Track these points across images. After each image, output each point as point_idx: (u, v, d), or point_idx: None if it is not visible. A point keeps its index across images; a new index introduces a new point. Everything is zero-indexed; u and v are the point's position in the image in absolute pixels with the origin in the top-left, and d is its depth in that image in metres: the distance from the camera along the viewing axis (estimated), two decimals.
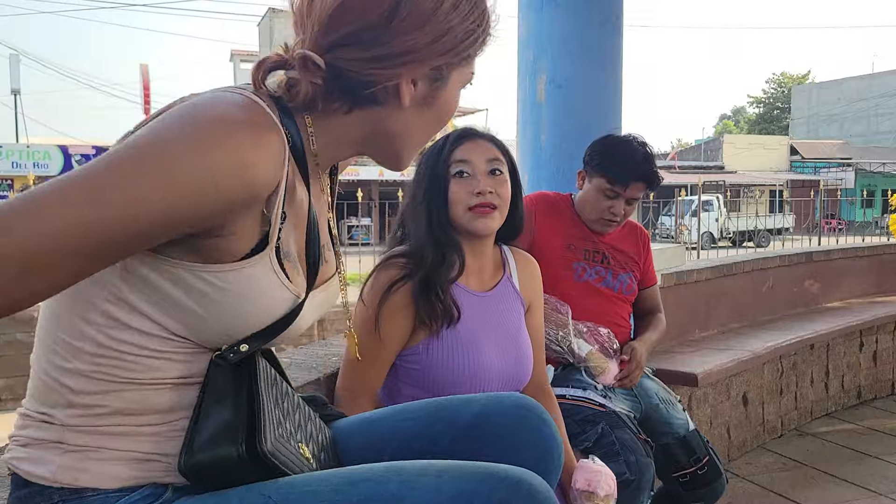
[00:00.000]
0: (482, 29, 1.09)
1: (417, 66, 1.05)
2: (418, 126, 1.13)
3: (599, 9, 3.17)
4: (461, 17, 1.05)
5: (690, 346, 4.29)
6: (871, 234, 18.76)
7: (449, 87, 1.11)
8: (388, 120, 1.11)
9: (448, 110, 1.14)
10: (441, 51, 1.05)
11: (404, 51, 1.03)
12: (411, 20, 1.02)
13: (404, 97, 1.07)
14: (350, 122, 1.11)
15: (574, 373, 2.60)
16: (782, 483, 4.02)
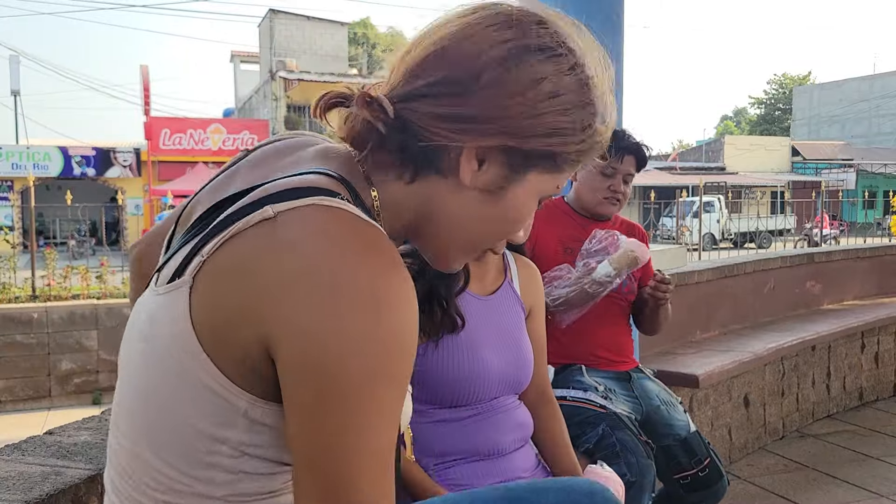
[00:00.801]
0: (578, 138, 0.94)
1: (488, 138, 0.92)
2: (478, 220, 0.98)
3: (600, 8, 3.15)
4: (559, 109, 0.92)
5: (691, 347, 4.29)
6: (873, 235, 18.76)
7: (524, 186, 0.96)
8: (446, 198, 0.97)
9: (516, 216, 0.99)
10: (520, 132, 0.92)
11: (478, 115, 0.91)
12: (500, 86, 0.91)
13: (464, 169, 0.94)
14: (408, 194, 0.98)
15: (575, 374, 2.59)
16: (784, 485, 4.01)
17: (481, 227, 1.00)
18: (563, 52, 0.93)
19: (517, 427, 1.94)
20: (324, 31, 32.16)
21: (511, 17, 0.94)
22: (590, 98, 0.94)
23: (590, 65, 0.96)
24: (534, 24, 0.94)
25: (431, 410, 1.87)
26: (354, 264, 0.82)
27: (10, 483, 1.34)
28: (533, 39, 0.93)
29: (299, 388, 0.82)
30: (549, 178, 0.97)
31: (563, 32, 0.96)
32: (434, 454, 1.86)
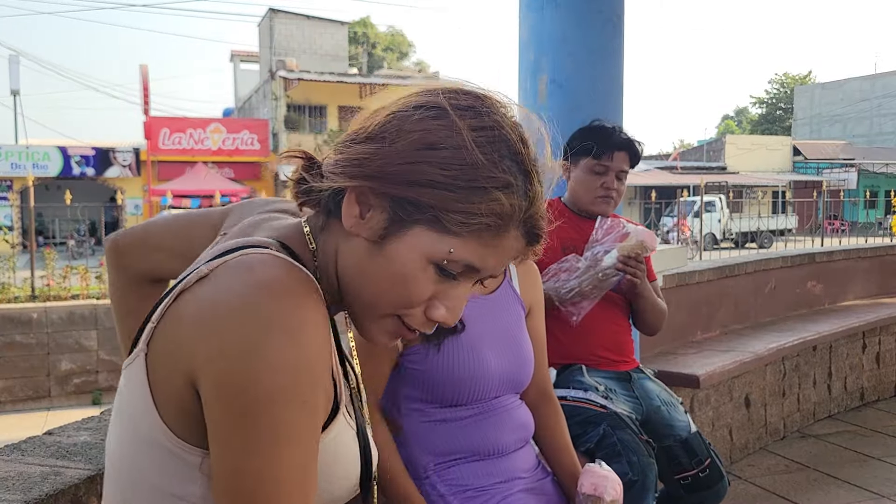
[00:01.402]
0: (463, 197, 0.92)
1: (367, 181, 0.94)
2: (366, 273, 0.97)
3: (600, 8, 3.15)
4: (436, 162, 0.92)
5: (692, 347, 4.29)
6: (874, 234, 18.76)
7: (406, 241, 0.94)
8: (343, 245, 0.99)
9: (401, 275, 0.95)
10: (391, 177, 0.93)
11: (357, 160, 0.95)
12: (382, 135, 0.95)
13: (345, 213, 0.96)
14: (326, 242, 1.02)
15: (575, 374, 2.59)
16: (784, 485, 4.01)
17: (371, 283, 0.97)
18: (453, 113, 0.94)
19: (519, 427, 1.94)
20: (324, 30, 32.17)
21: (427, 88, 0.99)
22: (484, 161, 0.92)
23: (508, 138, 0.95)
24: (443, 92, 0.97)
25: (431, 410, 1.87)
26: (266, 296, 0.87)
27: (9, 483, 1.34)
28: (426, 99, 0.96)
29: (214, 412, 0.87)
30: (435, 238, 0.93)
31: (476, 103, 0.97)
32: (434, 454, 1.86)
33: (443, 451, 1.86)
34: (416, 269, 0.95)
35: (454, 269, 0.96)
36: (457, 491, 1.83)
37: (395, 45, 59.79)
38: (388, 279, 0.96)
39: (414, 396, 1.88)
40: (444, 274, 0.96)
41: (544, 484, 1.96)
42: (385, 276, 0.96)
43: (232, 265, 0.92)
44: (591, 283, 2.50)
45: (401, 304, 0.97)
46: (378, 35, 58.18)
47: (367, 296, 0.99)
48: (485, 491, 1.84)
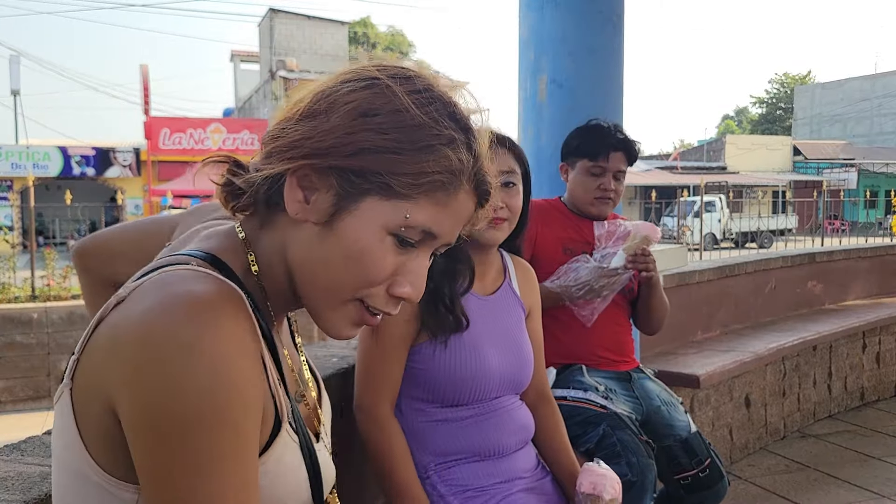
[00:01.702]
0: (409, 159, 0.90)
1: (307, 160, 0.90)
2: (322, 260, 0.93)
3: (600, 8, 3.15)
4: (373, 128, 0.90)
5: (692, 347, 4.28)
6: (875, 234, 18.76)
7: (359, 216, 0.91)
8: (291, 237, 0.95)
9: (358, 252, 0.91)
10: (329, 151, 0.90)
11: (293, 140, 0.92)
12: (313, 113, 0.92)
13: (288, 199, 0.93)
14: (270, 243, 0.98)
15: (575, 374, 2.59)
16: (785, 485, 4.01)
17: (326, 268, 0.93)
18: (387, 80, 0.92)
19: (520, 429, 1.95)
20: (324, 30, 32.16)
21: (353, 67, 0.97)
22: (426, 120, 0.91)
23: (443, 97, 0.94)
24: (370, 67, 0.95)
25: (432, 409, 1.88)
26: (179, 314, 0.82)
27: (9, 483, 1.34)
28: (355, 73, 0.95)
29: (134, 442, 0.81)
30: (389, 206, 0.90)
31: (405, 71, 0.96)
32: (435, 454, 1.86)
33: (443, 451, 1.86)
34: (373, 242, 0.91)
35: (412, 236, 0.93)
36: (457, 491, 1.83)
37: (396, 45, 59.79)
38: (344, 259, 0.92)
39: (415, 396, 1.88)
40: (404, 243, 0.93)
41: (544, 483, 1.96)
42: (341, 257, 0.92)
43: (146, 286, 0.87)
44: (602, 281, 2.50)
45: (362, 283, 0.93)
46: (378, 35, 58.19)
47: (325, 282, 0.94)
48: (484, 491, 1.84)
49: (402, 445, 1.83)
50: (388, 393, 1.86)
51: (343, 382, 2.04)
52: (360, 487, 2.16)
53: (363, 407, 1.85)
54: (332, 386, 2.00)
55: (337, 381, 2.04)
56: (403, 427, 1.87)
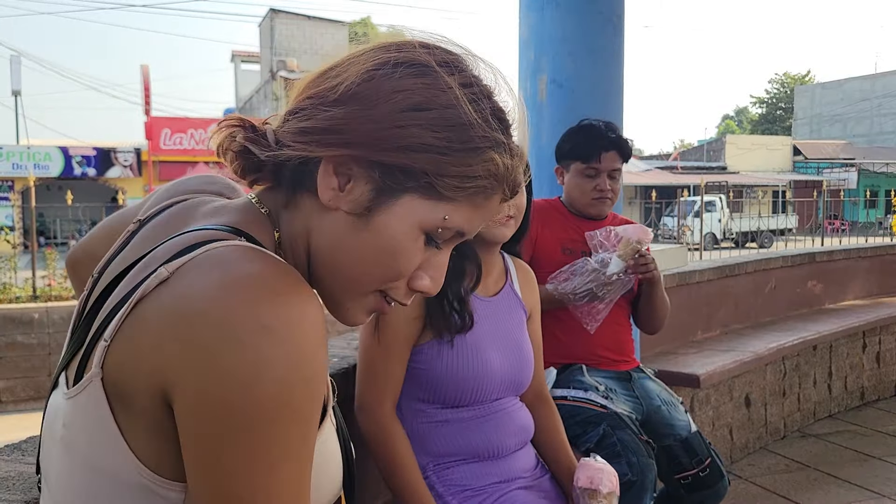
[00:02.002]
0: (458, 160, 0.85)
1: (340, 147, 0.85)
2: (350, 249, 0.89)
3: (600, 8, 3.15)
4: (425, 124, 0.84)
5: (693, 347, 4.29)
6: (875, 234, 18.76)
7: (396, 212, 0.86)
8: (318, 222, 0.90)
9: (392, 248, 0.87)
10: (375, 143, 0.84)
11: (333, 126, 0.86)
12: (357, 97, 0.86)
13: (322, 185, 0.87)
14: (293, 221, 0.93)
15: (575, 374, 2.59)
16: (785, 485, 4.01)
17: (356, 259, 0.89)
18: (439, 70, 0.86)
19: (519, 430, 1.95)
20: (324, 30, 32.15)
21: (395, 42, 0.91)
22: (477, 120, 0.86)
23: (488, 92, 0.90)
24: (416, 47, 0.89)
25: (433, 410, 1.88)
26: (242, 297, 0.76)
27: (10, 483, 1.34)
28: (404, 55, 0.88)
29: (195, 431, 0.75)
30: (428, 206, 0.87)
31: (454, 58, 0.90)
32: (435, 455, 1.86)
33: (443, 452, 1.86)
34: (408, 240, 0.88)
35: (445, 235, 0.90)
36: (455, 491, 1.84)
37: None
38: (376, 253, 0.88)
39: (416, 397, 1.88)
40: (432, 243, 0.90)
41: (542, 482, 1.97)
42: (373, 251, 0.88)
43: (200, 262, 0.80)
44: (603, 289, 2.49)
45: (389, 277, 0.90)
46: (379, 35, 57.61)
47: (351, 273, 0.90)
48: (483, 490, 1.85)
49: (406, 446, 1.83)
50: (391, 393, 1.85)
51: (344, 382, 2.04)
52: (361, 489, 2.16)
53: (365, 407, 1.85)
54: (333, 385, 2.01)
55: (338, 380, 2.02)
56: (404, 428, 1.87)
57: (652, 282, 2.67)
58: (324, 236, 0.90)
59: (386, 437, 1.82)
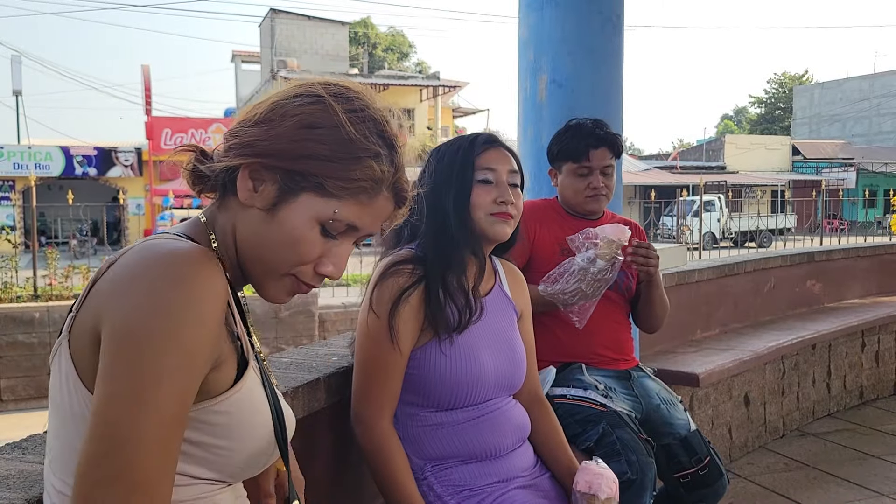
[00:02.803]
0: (343, 166, 1.10)
1: (252, 157, 1.10)
2: (262, 240, 1.13)
3: (600, 8, 3.16)
4: (315, 139, 1.10)
5: (692, 346, 4.29)
6: (874, 234, 18.76)
7: (296, 207, 1.11)
8: (240, 218, 1.14)
9: (294, 238, 1.11)
10: (277, 153, 1.10)
11: (248, 142, 1.11)
12: (269, 120, 1.12)
13: (241, 187, 1.12)
14: (224, 220, 1.17)
15: (575, 373, 2.60)
16: (784, 483, 4.02)
17: (267, 247, 1.13)
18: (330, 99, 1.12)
19: (516, 428, 1.95)
20: (325, 30, 32.18)
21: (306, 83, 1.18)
22: (357, 136, 1.11)
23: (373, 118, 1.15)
24: (318, 85, 1.16)
25: (425, 414, 1.88)
26: (163, 258, 1.02)
27: (10, 481, 1.35)
28: (305, 90, 1.15)
29: (104, 352, 0.98)
30: (321, 202, 1.11)
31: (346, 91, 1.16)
32: (431, 458, 1.87)
33: (440, 455, 1.87)
34: (305, 230, 1.11)
35: (337, 228, 1.13)
36: (454, 491, 1.84)
37: (396, 46, 59.76)
38: (281, 241, 1.11)
39: (408, 401, 1.88)
40: (328, 234, 1.13)
41: (541, 481, 1.97)
42: (279, 239, 1.11)
43: (135, 249, 1.07)
44: (592, 286, 2.49)
45: (294, 262, 1.12)
46: (379, 35, 58.14)
47: (265, 258, 1.13)
48: (481, 490, 1.85)
49: (403, 460, 1.83)
50: (389, 408, 1.86)
51: (343, 381, 2.05)
52: (359, 487, 2.17)
53: (363, 420, 1.85)
54: (331, 385, 2.02)
55: (337, 379, 2.05)
56: (398, 433, 1.87)
57: (651, 281, 2.68)
58: (244, 228, 1.14)
59: (384, 452, 1.81)
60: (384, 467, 1.81)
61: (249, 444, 1.12)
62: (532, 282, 2.34)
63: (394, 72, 39.41)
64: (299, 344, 10.65)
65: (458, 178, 1.93)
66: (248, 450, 1.12)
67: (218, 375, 1.07)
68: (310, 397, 1.93)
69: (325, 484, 2.05)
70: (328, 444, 2.08)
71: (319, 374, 2.00)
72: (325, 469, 2.06)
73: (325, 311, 12.37)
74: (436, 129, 31.47)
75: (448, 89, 33.04)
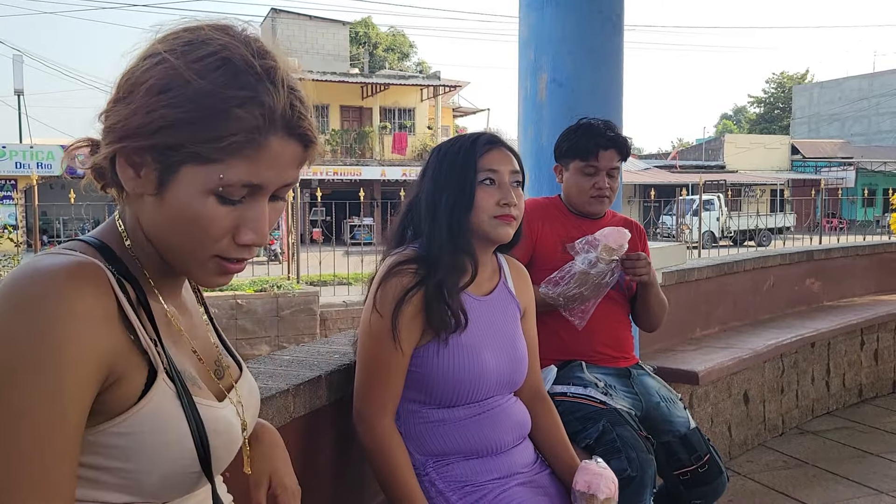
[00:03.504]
0: (211, 126, 0.95)
1: (122, 142, 0.97)
2: (166, 226, 1.00)
3: (600, 8, 3.17)
4: (168, 103, 0.95)
5: (692, 344, 4.31)
6: (872, 233, 18.77)
7: (181, 183, 0.97)
8: (139, 210, 1.03)
9: (192, 215, 0.98)
10: (138, 132, 0.96)
11: (111, 124, 0.99)
12: (122, 93, 0.99)
13: (122, 177, 1.00)
14: (130, 217, 1.06)
15: (575, 370, 2.61)
16: (783, 481, 4.03)
17: (171, 234, 1.01)
18: (170, 55, 0.96)
19: (516, 425, 1.96)
20: (325, 30, 32.18)
21: (160, 29, 1.02)
22: (211, 87, 0.95)
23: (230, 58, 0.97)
24: (162, 39, 1.00)
25: (427, 411, 1.89)
26: (10, 282, 0.90)
27: None
28: (150, 48, 1.00)
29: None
30: (203, 171, 0.96)
31: (190, 38, 0.99)
32: (432, 454, 1.88)
33: (441, 451, 1.87)
34: (199, 206, 0.97)
35: (234, 193, 0.98)
36: (455, 487, 1.85)
37: (397, 46, 59.71)
38: (181, 224, 0.99)
39: (409, 398, 1.89)
40: (226, 201, 0.98)
41: (541, 477, 1.97)
42: (178, 223, 0.99)
43: (16, 267, 0.96)
44: (591, 287, 2.50)
45: (205, 242, 1.00)
46: (379, 35, 58.08)
47: (175, 245, 1.02)
48: (482, 486, 1.86)
49: (405, 458, 1.84)
50: (391, 407, 1.87)
51: (344, 379, 2.06)
52: (361, 484, 2.18)
53: (365, 419, 1.86)
54: (333, 382, 2.03)
55: (339, 377, 2.06)
56: (399, 429, 1.88)
57: (645, 284, 2.69)
58: (145, 220, 1.02)
59: (386, 451, 1.82)
60: (386, 465, 1.82)
61: (162, 466, 0.99)
62: (534, 280, 2.35)
63: (394, 71, 39.40)
64: (301, 342, 10.65)
65: (460, 179, 1.92)
66: (161, 471, 1.00)
67: (117, 393, 0.95)
68: (311, 395, 1.94)
69: (327, 481, 2.06)
70: (330, 441, 2.09)
71: (321, 372, 2.01)
72: (326, 466, 2.07)
73: (327, 310, 12.37)
74: (436, 129, 31.46)
75: (448, 89, 33.02)
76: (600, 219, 2.78)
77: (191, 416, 1.02)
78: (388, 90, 31.00)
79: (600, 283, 2.49)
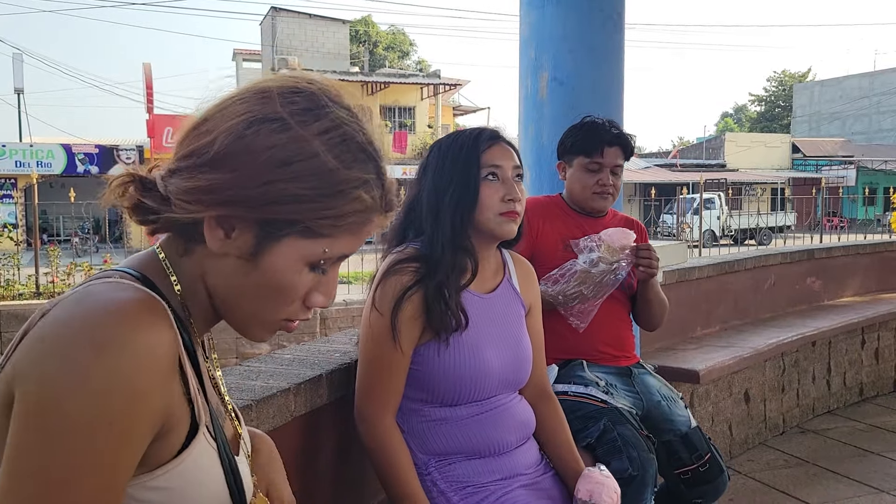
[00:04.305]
0: (327, 204, 0.92)
1: (218, 207, 0.92)
2: (243, 287, 0.97)
3: (601, 6, 3.17)
4: (291, 177, 0.91)
5: (692, 343, 4.31)
6: (873, 231, 18.76)
7: (280, 253, 0.94)
8: (213, 267, 0.98)
9: (281, 283, 0.96)
10: (249, 201, 0.91)
11: (210, 187, 0.91)
12: (230, 157, 0.91)
13: (209, 237, 0.94)
14: (192, 268, 1.00)
15: (576, 369, 2.61)
16: (784, 480, 4.03)
17: (250, 295, 0.98)
18: (296, 123, 0.92)
19: (520, 425, 1.95)
20: (325, 29, 32.16)
21: (267, 89, 0.96)
22: (338, 165, 0.93)
23: (351, 132, 0.95)
24: (279, 97, 0.94)
25: (429, 410, 1.88)
26: (84, 319, 0.84)
27: None
28: (272, 110, 0.93)
29: (13, 430, 0.81)
30: (309, 244, 0.94)
31: (313, 102, 0.95)
32: (435, 453, 1.87)
33: (443, 450, 1.87)
34: (293, 275, 0.96)
35: (328, 263, 0.98)
36: (457, 487, 1.84)
37: (397, 44, 59.67)
38: (266, 290, 0.96)
39: (412, 397, 1.88)
40: (316, 268, 0.97)
41: (544, 480, 1.96)
42: (264, 288, 0.96)
43: (71, 296, 0.90)
44: (591, 286, 2.51)
45: (282, 307, 0.98)
46: (379, 34, 58.02)
47: (250, 308, 0.99)
48: (484, 487, 1.85)
49: (406, 457, 1.83)
50: (392, 406, 1.86)
51: (345, 377, 2.06)
52: (362, 483, 2.18)
53: (366, 418, 1.85)
54: (334, 381, 2.03)
55: (340, 375, 2.06)
56: (402, 427, 1.87)
57: (646, 282, 2.69)
58: (219, 278, 0.98)
59: (387, 450, 1.82)
60: (387, 464, 1.82)
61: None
62: None
63: (394, 70, 39.38)
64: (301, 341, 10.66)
65: (463, 175, 1.91)
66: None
67: (162, 445, 0.91)
68: (312, 393, 1.94)
69: (327, 479, 2.06)
70: (331, 439, 2.09)
71: (322, 371, 2.01)
72: (327, 465, 2.07)
73: (327, 309, 12.38)
74: (436, 128, 31.44)
75: (449, 87, 33.02)
76: (602, 217, 2.78)
77: (230, 475, 1.01)
78: (388, 89, 30.98)
79: (601, 282, 2.48)
